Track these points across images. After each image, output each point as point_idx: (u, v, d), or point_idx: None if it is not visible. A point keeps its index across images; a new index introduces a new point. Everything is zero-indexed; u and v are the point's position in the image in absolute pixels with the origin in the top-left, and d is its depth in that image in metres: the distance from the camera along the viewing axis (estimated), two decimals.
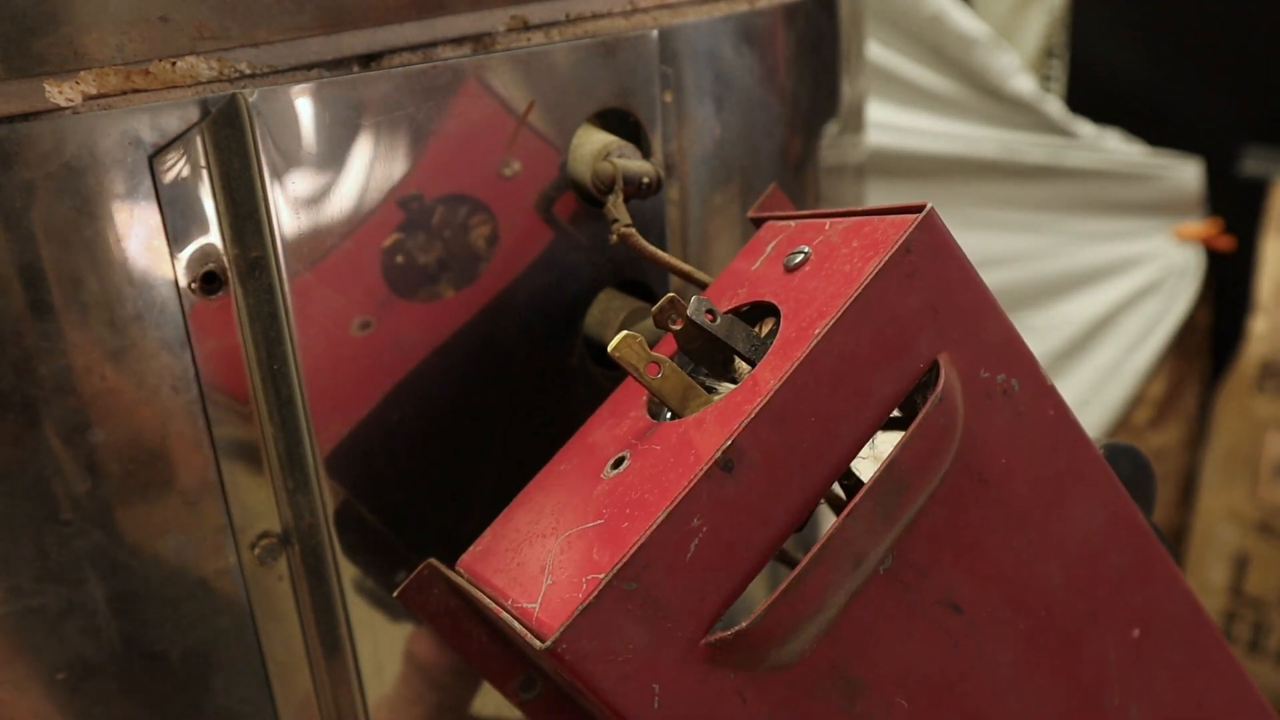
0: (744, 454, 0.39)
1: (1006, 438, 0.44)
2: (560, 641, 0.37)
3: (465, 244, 0.50)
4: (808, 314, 0.42)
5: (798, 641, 0.40)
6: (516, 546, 0.44)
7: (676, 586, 0.38)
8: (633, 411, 0.47)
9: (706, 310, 0.43)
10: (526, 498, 0.47)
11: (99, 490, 0.46)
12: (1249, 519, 1.69)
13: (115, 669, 0.49)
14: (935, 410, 0.40)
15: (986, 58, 1.67)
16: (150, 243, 0.44)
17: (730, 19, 0.57)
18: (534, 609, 0.40)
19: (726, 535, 0.39)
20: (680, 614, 0.38)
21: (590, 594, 0.37)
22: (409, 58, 0.49)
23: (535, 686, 0.49)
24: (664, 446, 0.42)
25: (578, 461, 0.46)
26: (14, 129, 0.41)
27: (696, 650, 0.39)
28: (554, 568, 0.40)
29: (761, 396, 0.39)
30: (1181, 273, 1.75)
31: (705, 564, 0.38)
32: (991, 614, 0.44)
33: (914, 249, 0.41)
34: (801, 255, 0.45)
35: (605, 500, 0.42)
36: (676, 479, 0.39)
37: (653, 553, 0.38)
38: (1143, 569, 0.49)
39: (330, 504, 0.50)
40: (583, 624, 0.37)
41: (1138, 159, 1.74)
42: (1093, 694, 0.48)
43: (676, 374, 0.42)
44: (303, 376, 0.48)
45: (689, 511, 0.38)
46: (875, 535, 0.40)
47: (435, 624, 0.47)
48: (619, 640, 0.38)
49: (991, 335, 0.43)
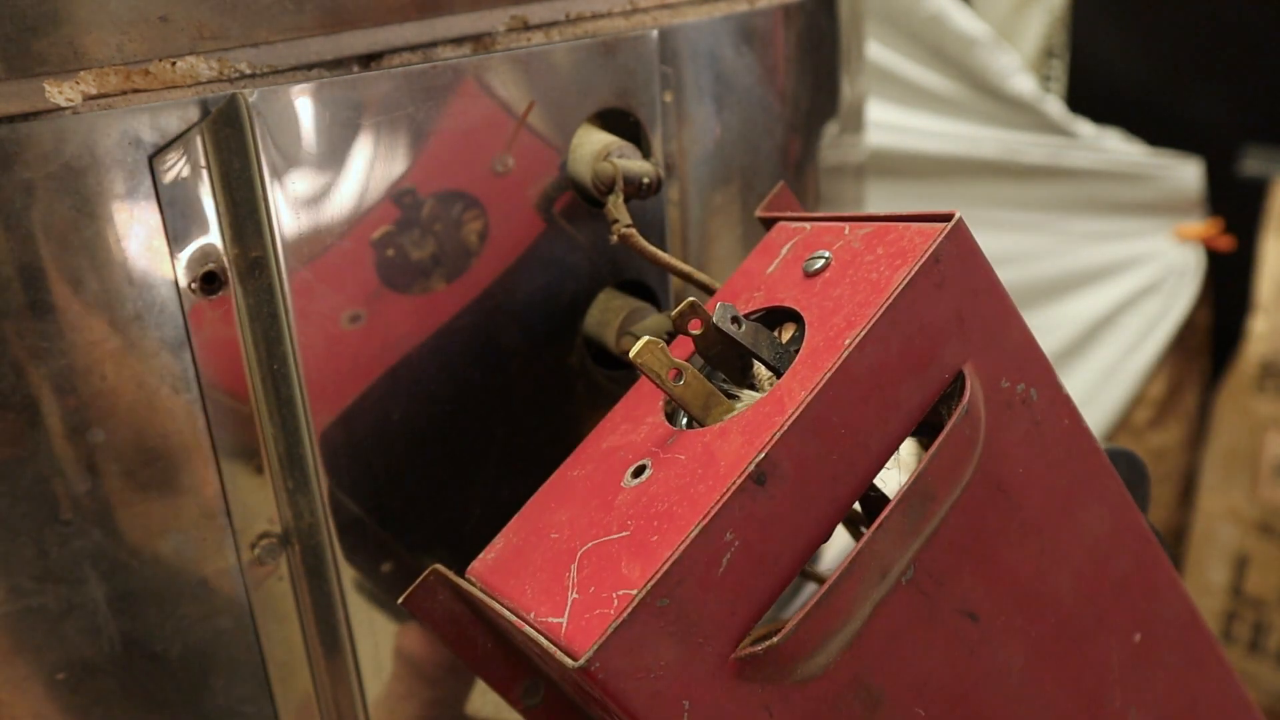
0: (777, 467, 0.38)
1: (1024, 447, 0.44)
2: (594, 660, 0.36)
3: (457, 239, 0.50)
4: (835, 323, 0.41)
5: (824, 654, 0.40)
6: (533, 555, 0.43)
7: (709, 602, 0.38)
8: (649, 417, 0.46)
9: (732, 317, 0.43)
10: (539, 504, 0.46)
11: (99, 490, 0.46)
12: (1249, 519, 1.69)
13: (115, 669, 0.49)
14: (962, 422, 0.40)
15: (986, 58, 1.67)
16: (150, 243, 0.44)
17: (730, 19, 0.57)
18: (561, 624, 0.39)
19: (758, 549, 0.38)
20: (711, 630, 0.38)
21: (623, 611, 0.37)
22: (409, 58, 0.49)
23: (538, 692, 0.49)
24: (689, 457, 0.41)
25: (592, 468, 0.46)
26: (14, 129, 0.41)
27: (726, 665, 0.38)
28: (579, 581, 0.40)
29: (793, 408, 0.39)
30: (1181, 273, 1.75)
31: (737, 579, 0.38)
32: (1006, 622, 0.44)
33: (943, 258, 0.41)
34: (822, 260, 0.45)
35: (629, 511, 0.41)
36: (706, 491, 0.38)
37: (686, 568, 0.37)
38: (1145, 574, 0.49)
39: (330, 504, 0.50)
40: (616, 642, 0.36)
41: (1138, 159, 1.74)
42: (1096, 699, 0.48)
43: (699, 381, 0.42)
44: (303, 376, 0.48)
45: (722, 526, 0.37)
46: (901, 546, 0.40)
47: (439, 630, 0.47)
48: (651, 657, 0.37)
49: (1013, 344, 0.43)
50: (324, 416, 0.49)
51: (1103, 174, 1.73)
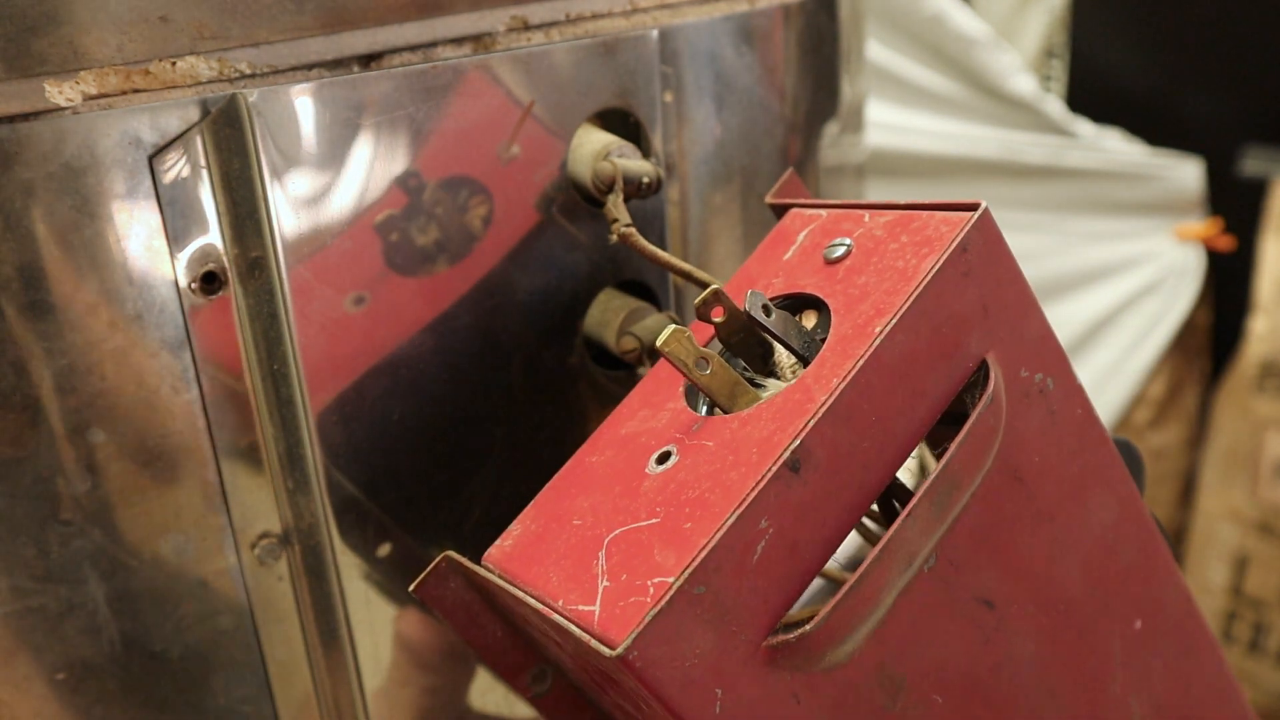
0: (810, 454, 0.38)
1: (1040, 436, 0.44)
2: (632, 649, 0.36)
3: (461, 224, 0.50)
4: (863, 310, 0.41)
5: (852, 642, 0.40)
6: (555, 543, 0.43)
7: (743, 590, 0.37)
8: (669, 403, 0.46)
9: (763, 305, 0.43)
10: (557, 491, 0.46)
11: (99, 490, 0.46)
12: (1249, 519, 1.69)
13: (115, 669, 0.49)
14: (986, 411, 0.40)
15: (986, 58, 1.67)
16: (150, 243, 0.44)
17: (730, 19, 0.57)
18: (593, 612, 0.38)
19: (791, 536, 0.38)
20: (745, 617, 0.38)
21: (661, 599, 0.36)
22: (409, 58, 0.49)
23: (546, 680, 0.49)
24: (717, 444, 0.41)
25: (612, 454, 0.45)
26: (14, 129, 0.41)
27: (758, 654, 0.38)
28: (609, 568, 0.39)
29: (825, 396, 0.39)
30: (1181, 273, 1.75)
31: (770, 566, 0.38)
32: (1019, 609, 0.45)
33: (970, 247, 0.41)
34: (843, 248, 0.45)
35: (657, 497, 0.41)
36: (740, 479, 0.38)
37: (722, 555, 0.37)
38: (1147, 562, 0.49)
39: (330, 504, 0.50)
40: (654, 630, 0.36)
41: (1138, 159, 1.74)
42: (1099, 685, 0.48)
43: (725, 370, 0.42)
44: (303, 376, 0.48)
45: (758, 513, 0.37)
46: (927, 535, 0.40)
47: (450, 618, 0.46)
48: (687, 646, 0.37)
49: (1033, 334, 0.43)
50: (324, 416, 0.49)
51: (1103, 174, 1.73)
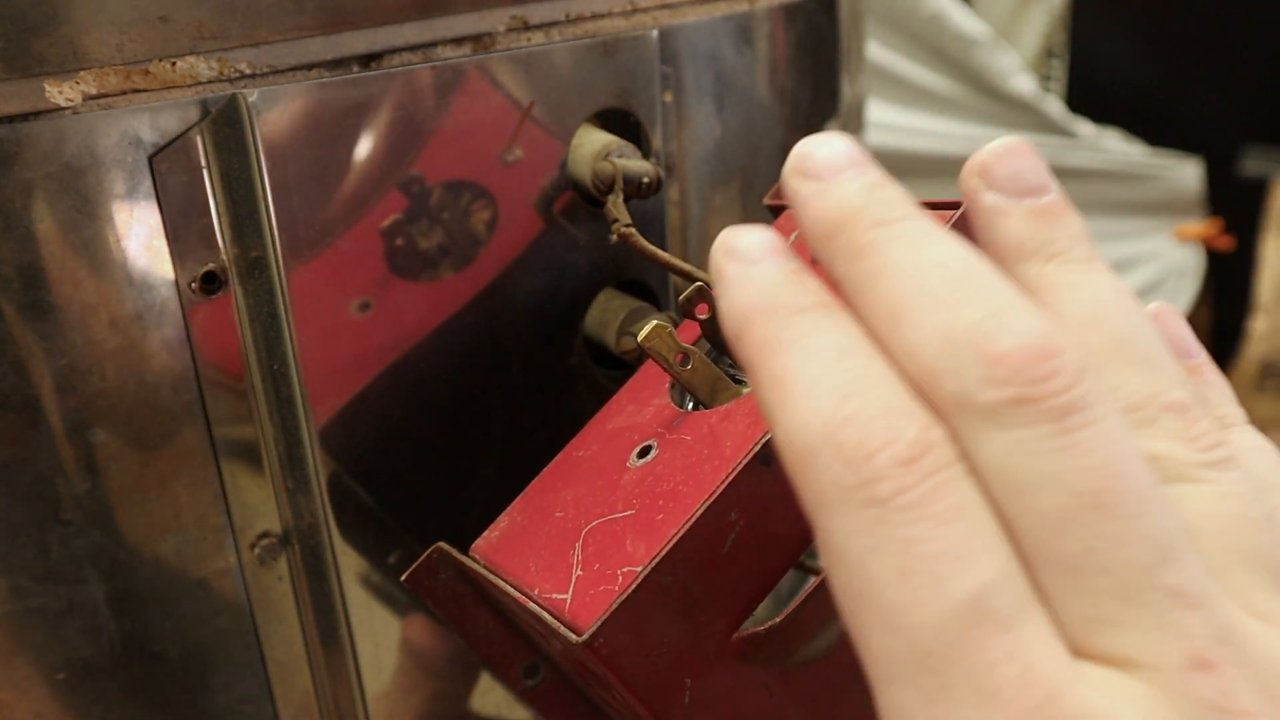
0: None
1: None
2: (598, 635, 0.36)
3: (465, 228, 0.50)
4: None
5: (824, 638, 0.40)
6: (537, 534, 0.43)
7: (712, 581, 0.38)
8: (655, 399, 0.46)
9: None
10: (544, 484, 0.47)
11: (99, 490, 0.46)
12: None
13: (115, 669, 0.49)
14: None
15: (986, 58, 1.67)
16: (150, 243, 0.44)
17: (730, 19, 0.57)
18: (565, 600, 0.39)
19: (761, 529, 0.38)
20: (715, 608, 0.38)
21: (628, 587, 0.37)
22: (409, 58, 0.49)
23: (538, 673, 0.49)
24: (695, 438, 0.41)
25: (598, 449, 0.46)
26: (14, 129, 0.41)
27: (729, 645, 0.39)
28: (583, 558, 0.40)
29: None
30: (1181, 273, 1.75)
31: (740, 558, 0.38)
32: None
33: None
34: None
35: (634, 490, 0.41)
36: (712, 472, 0.39)
37: (691, 546, 0.37)
38: None
39: (330, 504, 0.50)
40: (620, 618, 0.36)
41: (1138, 159, 1.74)
42: None
43: (706, 365, 0.42)
44: (303, 376, 0.48)
45: (727, 505, 0.38)
46: None
47: (442, 609, 0.47)
48: (655, 634, 0.37)
49: None
50: (324, 416, 0.49)
51: (1103, 174, 1.73)
